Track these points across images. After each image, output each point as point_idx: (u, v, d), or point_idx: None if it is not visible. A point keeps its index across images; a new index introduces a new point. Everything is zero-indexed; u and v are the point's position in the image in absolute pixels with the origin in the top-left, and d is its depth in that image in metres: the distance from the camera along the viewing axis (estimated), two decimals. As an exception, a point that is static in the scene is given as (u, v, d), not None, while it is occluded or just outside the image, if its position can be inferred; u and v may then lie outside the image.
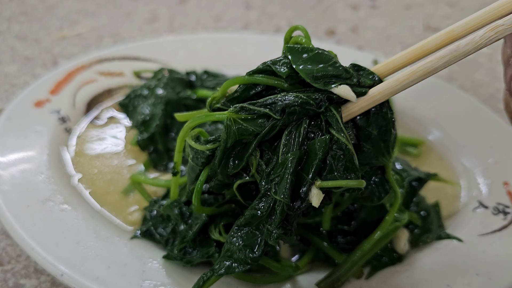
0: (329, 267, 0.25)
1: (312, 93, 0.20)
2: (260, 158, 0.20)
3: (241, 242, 0.20)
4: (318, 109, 0.19)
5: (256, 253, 0.20)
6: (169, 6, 0.54)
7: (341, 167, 0.19)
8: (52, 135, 0.32)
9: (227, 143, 0.20)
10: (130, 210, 0.29)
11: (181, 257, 0.24)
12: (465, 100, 0.36)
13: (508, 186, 0.30)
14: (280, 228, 0.19)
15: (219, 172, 0.21)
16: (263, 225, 0.19)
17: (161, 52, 0.40)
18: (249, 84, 0.21)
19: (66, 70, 0.37)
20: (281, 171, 0.19)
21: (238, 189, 0.21)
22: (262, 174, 0.20)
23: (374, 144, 0.20)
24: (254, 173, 0.20)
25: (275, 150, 0.20)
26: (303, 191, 0.19)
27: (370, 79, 0.21)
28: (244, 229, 0.20)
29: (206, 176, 0.21)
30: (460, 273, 0.24)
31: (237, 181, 0.20)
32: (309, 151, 0.19)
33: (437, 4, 0.57)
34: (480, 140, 0.33)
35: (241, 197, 0.21)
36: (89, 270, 0.23)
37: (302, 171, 0.19)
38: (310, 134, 0.19)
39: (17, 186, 0.27)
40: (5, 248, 0.28)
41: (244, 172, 0.20)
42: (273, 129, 0.20)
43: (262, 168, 0.20)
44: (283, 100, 0.19)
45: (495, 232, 0.27)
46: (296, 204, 0.19)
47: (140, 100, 0.35)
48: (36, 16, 0.51)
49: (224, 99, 0.21)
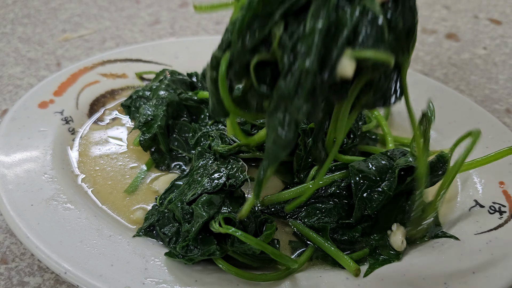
0: (328, 265, 0.25)
1: None
2: (284, 31, 0.18)
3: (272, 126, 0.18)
4: None
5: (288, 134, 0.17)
6: (170, 9, 0.55)
7: (371, 39, 0.17)
8: (55, 135, 0.32)
9: (249, 11, 0.18)
10: (132, 209, 0.29)
11: (183, 255, 0.24)
12: (461, 101, 0.36)
13: (504, 185, 0.30)
14: (308, 102, 0.17)
15: (238, 47, 0.18)
16: (290, 103, 0.18)
17: (162, 54, 0.41)
18: None
19: (70, 72, 0.37)
20: (309, 40, 0.17)
21: (254, 71, 0.19)
22: (285, 48, 0.18)
23: (397, 37, 0.19)
24: (275, 48, 0.18)
25: (302, 22, 0.18)
26: (331, 60, 0.17)
27: None
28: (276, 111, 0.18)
29: (226, 62, 0.19)
30: (456, 272, 0.24)
31: (255, 56, 0.18)
32: (339, 21, 0.17)
33: (433, 6, 0.58)
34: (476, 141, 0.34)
35: (256, 80, 0.19)
36: (93, 268, 0.23)
37: (331, 41, 0.17)
38: (340, 7, 0.18)
39: (21, 186, 0.27)
40: (10, 246, 0.28)
41: (264, 46, 0.18)
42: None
43: (285, 42, 0.18)
44: None
45: (491, 230, 0.27)
46: (325, 75, 0.17)
47: (142, 101, 0.35)
48: (39, 19, 0.51)
49: None
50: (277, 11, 0.18)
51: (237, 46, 0.19)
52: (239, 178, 0.26)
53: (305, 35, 0.18)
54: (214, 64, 0.20)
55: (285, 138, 0.18)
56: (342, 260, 0.25)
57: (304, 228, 0.27)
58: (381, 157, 0.28)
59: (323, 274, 0.25)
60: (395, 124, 0.37)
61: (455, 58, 0.49)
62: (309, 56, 0.17)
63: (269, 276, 0.24)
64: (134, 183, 0.31)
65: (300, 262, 0.25)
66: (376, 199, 0.26)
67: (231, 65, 0.19)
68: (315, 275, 0.25)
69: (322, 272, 0.25)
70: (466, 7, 0.57)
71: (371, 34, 0.18)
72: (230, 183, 0.26)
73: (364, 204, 0.26)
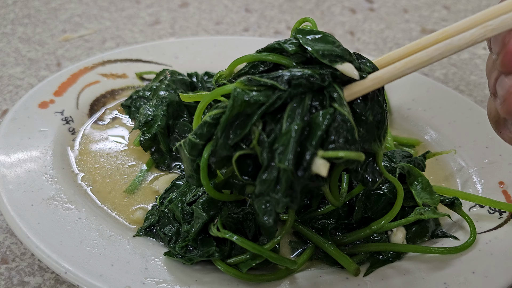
0: (327, 264, 0.26)
1: (318, 69, 0.20)
2: (263, 130, 0.20)
3: (257, 210, 0.20)
4: (323, 82, 0.20)
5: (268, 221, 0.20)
6: (171, 9, 0.55)
7: (342, 139, 0.19)
8: (56, 135, 0.32)
9: (232, 110, 0.20)
10: (132, 209, 0.29)
11: (182, 255, 0.24)
12: (461, 100, 0.36)
13: (504, 185, 0.30)
14: (287, 197, 0.19)
15: (220, 142, 0.20)
16: (270, 195, 0.20)
17: (163, 54, 0.41)
18: (257, 61, 0.21)
19: (70, 72, 0.37)
20: (285, 140, 0.19)
21: (236, 163, 0.21)
22: (263, 146, 0.20)
23: (368, 129, 0.21)
24: (255, 145, 0.20)
25: (278, 122, 0.20)
26: (306, 160, 0.19)
27: (369, 67, 0.21)
28: (259, 198, 0.20)
29: (209, 151, 0.21)
30: (456, 272, 0.24)
31: (237, 152, 0.20)
32: (312, 122, 0.19)
33: (433, 6, 0.58)
34: (476, 141, 0.34)
35: (239, 172, 0.21)
36: (93, 268, 0.23)
37: (305, 142, 0.19)
38: (313, 109, 0.20)
39: (22, 186, 0.28)
40: (10, 246, 0.28)
41: (244, 143, 0.20)
42: (278, 100, 0.20)
43: (263, 140, 0.20)
44: (289, 73, 0.20)
45: (491, 230, 0.27)
46: (300, 173, 0.19)
47: (142, 101, 0.35)
48: (39, 19, 0.51)
49: (231, 77, 0.22)
50: (256, 112, 0.20)
51: (219, 141, 0.21)
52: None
53: (282, 135, 0.19)
54: (191, 149, 0.22)
55: (268, 223, 0.20)
56: (342, 260, 0.25)
57: (304, 227, 0.27)
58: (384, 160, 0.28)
59: (323, 274, 0.25)
60: (395, 124, 0.37)
61: (455, 58, 0.49)
62: (285, 156, 0.19)
63: (269, 277, 0.24)
64: (134, 182, 0.31)
65: (299, 263, 0.25)
66: (377, 201, 0.26)
67: (213, 155, 0.21)
68: (315, 275, 0.25)
69: (322, 272, 0.25)
70: (466, 7, 0.58)
71: (342, 135, 0.19)
72: None
73: (364, 206, 0.27)
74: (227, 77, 0.22)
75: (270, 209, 0.20)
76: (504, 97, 0.19)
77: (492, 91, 0.21)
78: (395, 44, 0.51)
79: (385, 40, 0.52)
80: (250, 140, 0.20)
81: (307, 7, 0.56)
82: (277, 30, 0.52)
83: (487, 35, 0.19)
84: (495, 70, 0.20)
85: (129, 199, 0.30)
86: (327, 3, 0.57)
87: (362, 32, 0.53)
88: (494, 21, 0.19)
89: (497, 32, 0.19)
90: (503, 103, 0.19)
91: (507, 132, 0.21)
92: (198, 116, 0.22)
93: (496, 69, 0.20)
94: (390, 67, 0.21)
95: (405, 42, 0.52)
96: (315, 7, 0.56)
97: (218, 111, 0.21)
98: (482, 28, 0.19)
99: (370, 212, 0.27)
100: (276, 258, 0.23)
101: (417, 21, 0.55)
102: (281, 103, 0.20)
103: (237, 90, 0.20)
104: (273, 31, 0.52)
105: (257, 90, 0.20)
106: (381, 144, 0.22)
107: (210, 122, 0.21)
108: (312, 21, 0.22)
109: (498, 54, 0.19)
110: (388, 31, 0.53)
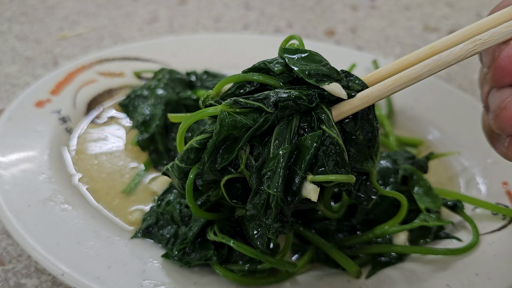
0: (329, 266, 0.25)
1: (305, 90, 0.20)
2: (250, 154, 0.20)
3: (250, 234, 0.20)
4: (310, 104, 0.20)
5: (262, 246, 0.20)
6: (169, 7, 0.54)
7: (331, 163, 0.19)
8: (52, 135, 0.32)
9: (219, 135, 0.20)
10: (130, 210, 0.29)
11: (179, 258, 0.24)
12: (464, 100, 0.36)
13: (507, 186, 0.30)
14: (278, 222, 0.19)
15: (207, 166, 0.20)
16: (261, 220, 0.20)
17: (161, 52, 0.40)
18: (244, 82, 0.21)
19: (67, 71, 0.37)
20: (273, 165, 0.19)
21: (224, 187, 0.21)
22: (251, 170, 0.20)
23: (359, 149, 0.21)
24: (243, 169, 0.20)
25: (266, 145, 0.20)
26: (295, 185, 0.19)
27: (358, 84, 0.21)
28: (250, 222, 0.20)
29: (195, 173, 0.21)
30: (459, 273, 0.24)
31: (225, 176, 0.20)
32: (301, 146, 0.19)
33: (436, 4, 0.57)
34: (479, 140, 0.33)
35: (227, 196, 0.21)
36: (90, 270, 0.23)
37: (294, 166, 0.19)
38: (301, 130, 0.20)
39: (18, 186, 0.27)
40: (6, 247, 0.28)
41: (232, 167, 0.20)
42: (265, 123, 0.20)
43: (251, 164, 0.20)
44: (276, 95, 0.20)
45: (494, 232, 0.27)
46: (290, 198, 0.19)
47: (140, 100, 0.35)
48: (36, 17, 0.51)
49: (218, 98, 0.21)
50: (243, 135, 0.20)
51: (206, 165, 0.20)
52: None
53: (269, 159, 0.19)
54: (179, 174, 0.22)
55: (261, 247, 0.20)
56: (343, 262, 0.24)
57: (305, 229, 0.26)
58: (385, 160, 0.28)
59: (324, 276, 0.24)
60: (397, 124, 0.37)
61: (457, 56, 0.48)
62: (274, 182, 0.19)
63: (269, 279, 0.24)
64: (132, 183, 0.30)
65: (299, 265, 0.24)
66: (379, 203, 0.26)
67: (200, 177, 0.21)
68: (316, 277, 0.24)
69: (323, 274, 0.25)
70: (469, 5, 0.57)
71: (332, 158, 0.19)
72: None
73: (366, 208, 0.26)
74: (214, 97, 0.22)
75: (262, 233, 0.20)
76: (496, 112, 0.18)
77: (484, 104, 0.20)
78: (397, 42, 0.50)
79: (387, 38, 0.51)
80: (238, 165, 0.20)
81: (308, 4, 0.56)
82: (277, 28, 0.52)
83: (476, 49, 0.19)
84: (487, 83, 0.20)
85: (126, 200, 0.29)
86: (329, 1, 0.56)
87: (364, 30, 0.52)
88: (483, 35, 0.19)
89: (486, 46, 0.18)
90: (495, 118, 0.19)
91: (501, 147, 0.20)
92: (181, 136, 0.22)
93: (487, 82, 0.20)
94: (379, 84, 0.20)
95: (407, 40, 0.51)
96: (316, 5, 0.56)
97: (205, 136, 0.20)
98: (471, 42, 0.19)
99: (372, 215, 0.26)
100: (275, 262, 0.23)
101: (420, 18, 0.54)
102: (268, 125, 0.20)
103: (224, 114, 0.20)
104: (273, 29, 0.51)
105: (244, 113, 0.20)
106: (374, 163, 0.21)
107: (197, 147, 0.20)
108: (299, 39, 0.22)
109: (489, 68, 0.19)
110: (390, 29, 0.53)
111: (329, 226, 0.26)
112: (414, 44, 0.51)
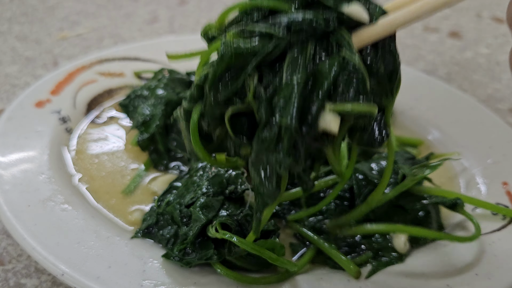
0: (329, 266, 0.25)
1: (321, 13, 0.17)
2: (259, 82, 0.17)
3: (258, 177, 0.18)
4: (327, 28, 0.17)
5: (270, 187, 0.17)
6: (169, 7, 0.54)
7: (352, 91, 0.17)
8: (52, 135, 0.32)
9: (221, 64, 0.17)
10: (130, 210, 0.29)
11: (180, 258, 0.24)
12: (464, 100, 0.36)
13: (507, 186, 0.30)
14: (290, 156, 0.17)
15: (210, 100, 0.18)
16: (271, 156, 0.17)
17: (161, 52, 0.40)
18: (251, 8, 0.18)
19: (67, 71, 0.37)
20: (287, 92, 0.16)
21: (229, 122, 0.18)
22: (260, 100, 0.17)
23: (380, 81, 0.18)
24: (250, 100, 0.17)
25: (277, 73, 0.17)
26: (312, 115, 0.17)
27: (378, 12, 0.18)
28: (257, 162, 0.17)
29: (198, 112, 0.18)
30: (459, 273, 0.24)
31: (229, 108, 0.18)
32: (318, 73, 0.17)
33: (436, 5, 0.57)
34: (479, 140, 0.33)
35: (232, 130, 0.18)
36: (90, 270, 0.23)
37: (310, 94, 0.17)
38: (317, 57, 0.17)
39: (18, 186, 0.27)
40: (6, 247, 0.28)
41: (238, 98, 0.18)
42: (275, 49, 0.17)
43: (260, 94, 0.17)
44: (287, 18, 0.17)
45: (494, 232, 0.27)
46: (305, 129, 0.17)
47: (140, 101, 0.35)
48: (36, 17, 0.51)
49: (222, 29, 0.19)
50: (250, 63, 0.17)
51: (209, 98, 0.18)
52: (239, 183, 0.26)
53: (282, 87, 0.17)
54: (185, 116, 0.20)
55: (267, 190, 0.17)
56: (343, 262, 0.24)
57: (305, 229, 0.26)
58: (385, 160, 0.28)
59: (324, 276, 0.24)
60: (397, 124, 0.37)
61: (458, 57, 0.48)
62: (288, 111, 0.16)
63: (269, 279, 0.24)
64: (132, 183, 0.30)
65: (299, 265, 0.24)
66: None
67: (203, 117, 0.19)
68: (316, 277, 0.24)
69: (323, 274, 0.24)
70: (469, 5, 0.57)
71: (352, 85, 0.17)
72: (229, 190, 0.26)
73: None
74: (217, 28, 0.19)
75: (270, 174, 0.17)
76: None
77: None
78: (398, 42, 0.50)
79: (386, 38, 0.51)
80: (244, 94, 0.17)
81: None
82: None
83: None
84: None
85: (126, 200, 0.29)
86: (328, 1, 0.56)
87: (364, 30, 0.52)
88: None
89: None
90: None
91: None
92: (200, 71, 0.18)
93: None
94: (403, 10, 0.18)
95: (407, 41, 0.51)
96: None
97: (207, 70, 0.18)
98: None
99: (372, 215, 0.26)
100: (276, 260, 0.23)
101: (419, 19, 0.54)
102: (280, 52, 0.17)
103: (226, 40, 0.17)
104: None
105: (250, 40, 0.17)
106: (393, 98, 0.19)
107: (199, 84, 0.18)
108: None
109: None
110: (390, 29, 0.53)
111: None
112: (414, 45, 0.51)
